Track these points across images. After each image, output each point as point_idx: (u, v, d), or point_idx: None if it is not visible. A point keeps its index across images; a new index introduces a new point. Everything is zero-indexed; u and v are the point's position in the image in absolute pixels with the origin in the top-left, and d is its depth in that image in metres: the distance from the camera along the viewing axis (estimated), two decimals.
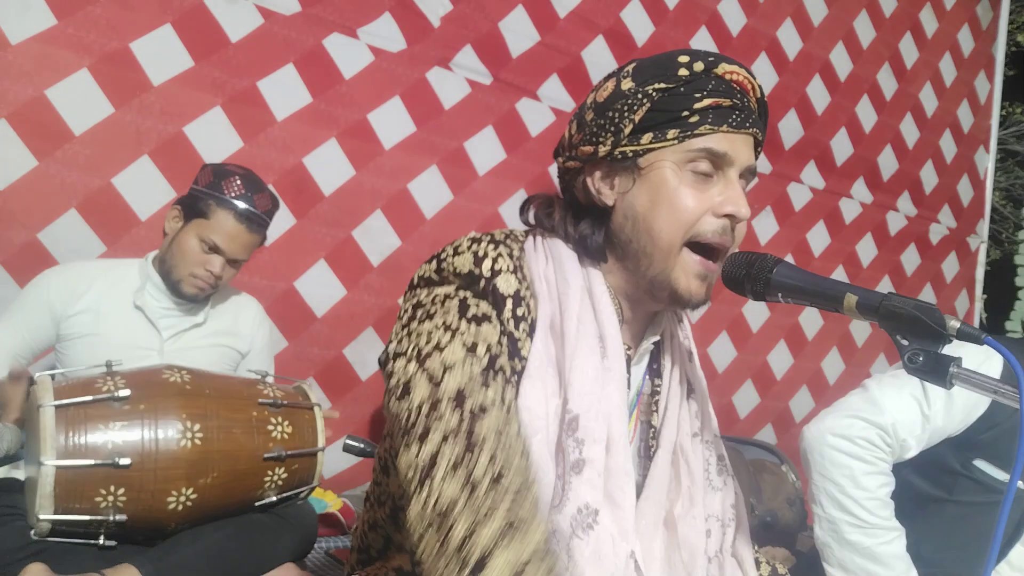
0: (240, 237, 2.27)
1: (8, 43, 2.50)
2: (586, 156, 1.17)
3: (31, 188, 2.56)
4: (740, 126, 1.12)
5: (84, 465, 1.80)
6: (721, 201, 1.12)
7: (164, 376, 1.98)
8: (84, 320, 2.22)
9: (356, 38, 3.09)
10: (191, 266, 2.25)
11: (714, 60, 1.12)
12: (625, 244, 1.16)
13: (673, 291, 1.14)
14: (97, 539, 1.87)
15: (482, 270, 1.11)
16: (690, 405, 1.29)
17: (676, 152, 1.11)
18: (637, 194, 1.14)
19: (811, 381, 4.42)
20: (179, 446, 1.88)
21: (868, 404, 1.78)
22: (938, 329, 0.96)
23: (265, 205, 2.31)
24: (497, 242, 1.15)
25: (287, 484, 2.10)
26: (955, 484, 1.86)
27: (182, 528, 1.96)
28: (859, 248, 4.60)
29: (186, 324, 2.33)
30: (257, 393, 2.09)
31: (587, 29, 3.60)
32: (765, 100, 1.18)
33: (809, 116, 4.32)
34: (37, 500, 1.78)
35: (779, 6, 4.19)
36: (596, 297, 1.16)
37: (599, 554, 1.07)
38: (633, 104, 1.11)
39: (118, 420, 1.86)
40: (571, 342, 1.11)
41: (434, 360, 1.04)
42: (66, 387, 1.89)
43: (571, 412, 1.09)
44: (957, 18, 4.92)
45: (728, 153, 1.11)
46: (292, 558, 2.18)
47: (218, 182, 2.25)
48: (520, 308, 1.11)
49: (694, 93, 1.10)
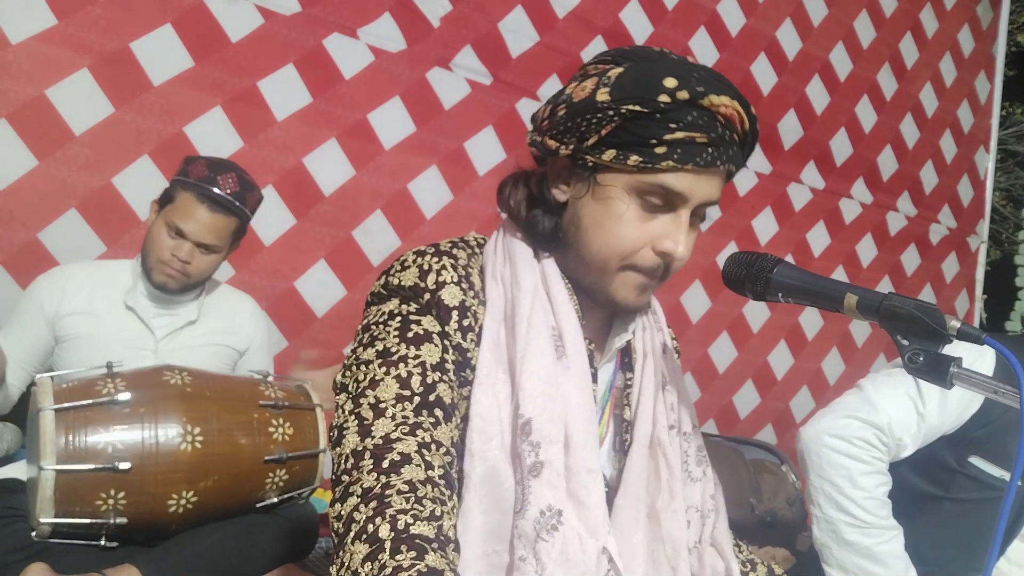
0: (203, 219, 2.20)
1: (8, 43, 2.50)
2: (550, 149, 1.15)
3: (31, 188, 2.56)
4: (709, 164, 1.06)
5: (84, 469, 1.80)
6: (660, 236, 1.09)
7: (165, 378, 1.97)
8: (76, 321, 2.21)
9: (356, 38, 3.09)
10: (159, 252, 2.21)
11: (703, 91, 1.04)
12: (568, 244, 1.16)
13: (610, 299, 1.15)
14: (99, 540, 1.87)
15: (427, 283, 1.10)
16: (665, 397, 1.27)
17: (633, 179, 1.08)
18: (586, 204, 1.13)
19: (811, 381, 4.42)
20: (179, 449, 1.88)
21: (864, 404, 1.78)
22: (938, 329, 0.96)
23: (231, 187, 2.23)
24: (442, 253, 1.14)
25: (288, 485, 2.10)
26: (951, 481, 1.86)
27: (184, 529, 1.96)
28: (859, 248, 4.61)
29: (179, 323, 2.31)
30: (258, 394, 2.09)
31: (586, 29, 3.60)
32: (756, 129, 1.12)
33: (809, 116, 4.32)
34: (37, 503, 1.78)
35: (778, 6, 4.19)
36: (553, 296, 1.15)
37: (566, 554, 1.06)
38: (603, 119, 1.07)
39: (118, 424, 1.85)
40: (521, 346, 1.10)
41: (367, 399, 1.04)
42: (66, 389, 1.89)
43: (523, 416, 1.07)
44: (957, 18, 4.92)
45: (683, 192, 1.07)
46: (293, 558, 2.18)
47: (185, 167, 2.25)
48: (466, 319, 1.10)
49: (668, 123, 1.04)
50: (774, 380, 4.30)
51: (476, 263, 1.17)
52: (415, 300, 1.10)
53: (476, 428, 1.07)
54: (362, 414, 1.03)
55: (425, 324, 1.09)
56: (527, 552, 1.06)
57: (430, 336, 1.08)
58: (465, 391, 1.10)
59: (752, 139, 1.13)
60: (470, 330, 1.11)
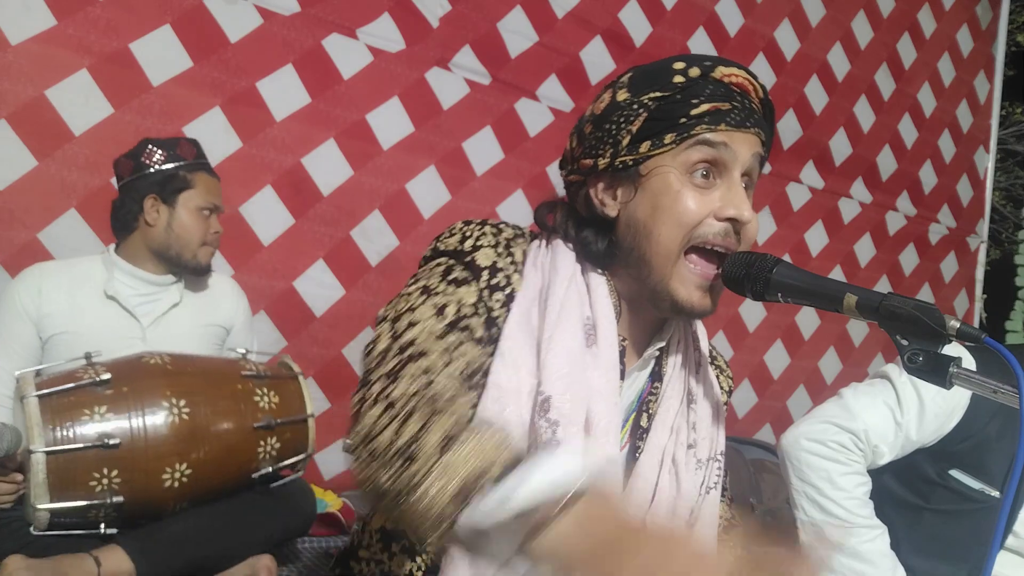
0: (216, 188, 2.34)
1: (8, 43, 2.50)
2: (587, 169, 1.17)
3: (31, 188, 2.56)
4: (740, 125, 1.10)
5: (73, 448, 1.80)
6: (722, 205, 1.11)
7: (144, 360, 1.98)
8: (58, 319, 2.17)
9: (355, 38, 3.09)
10: (200, 236, 2.28)
11: (711, 64, 1.11)
12: (628, 253, 1.15)
13: (673, 301, 1.13)
14: (97, 528, 1.87)
15: (464, 247, 1.15)
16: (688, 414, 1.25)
17: (676, 156, 1.10)
18: (639, 202, 1.13)
19: (808, 380, 4.43)
20: (167, 422, 1.89)
21: (841, 411, 1.81)
22: (938, 329, 0.96)
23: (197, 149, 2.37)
24: (486, 224, 1.18)
25: (282, 454, 2.10)
26: (932, 493, 1.88)
27: (182, 508, 1.96)
28: (857, 248, 4.61)
29: (164, 307, 2.29)
30: (239, 367, 2.10)
31: (585, 29, 3.61)
32: (770, 101, 1.16)
33: (807, 116, 4.33)
34: (31, 490, 1.78)
35: (776, 6, 4.20)
36: (593, 288, 1.16)
37: None
38: (630, 115, 1.11)
39: (103, 404, 1.86)
40: (550, 325, 1.10)
41: (403, 319, 1.08)
42: (48, 379, 1.90)
43: (543, 393, 1.08)
44: (956, 18, 4.93)
45: (727, 144, 1.10)
46: (288, 536, 2.20)
47: (172, 152, 2.27)
48: (496, 279, 1.13)
49: (691, 99, 1.09)
50: (771, 379, 4.31)
51: (522, 244, 1.19)
52: (458, 260, 1.15)
53: (491, 397, 1.08)
54: (397, 327, 1.08)
55: (464, 273, 1.13)
56: None
57: (468, 281, 1.12)
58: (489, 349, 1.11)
59: (769, 111, 1.17)
60: (498, 289, 1.13)
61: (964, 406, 1.79)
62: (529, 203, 3.78)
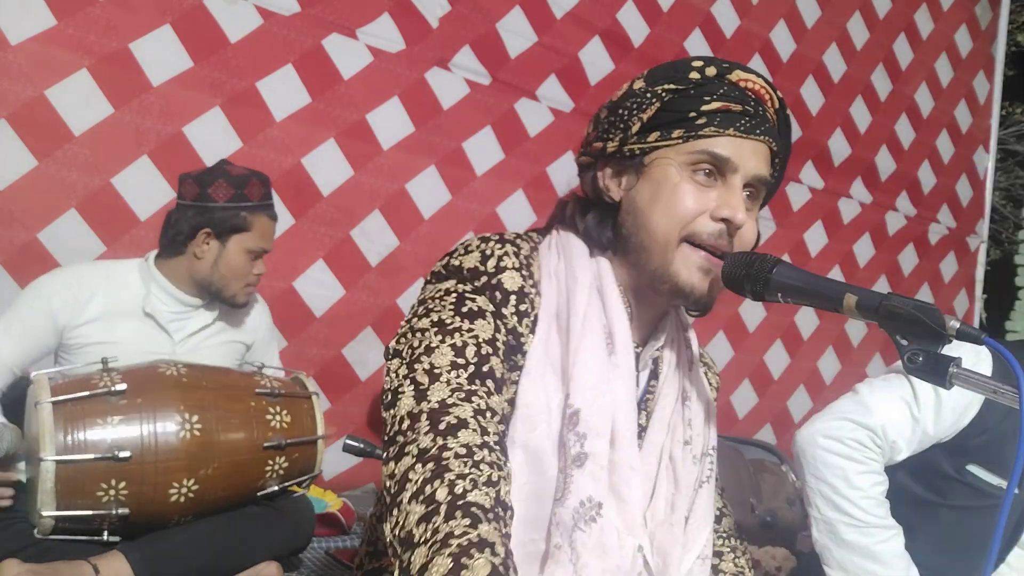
0: (272, 231, 2.34)
1: (8, 43, 2.50)
2: (597, 152, 1.20)
3: (31, 188, 2.56)
4: (749, 132, 1.12)
5: (84, 460, 1.80)
6: (718, 205, 1.12)
7: (160, 370, 1.98)
8: (93, 329, 2.15)
9: (355, 38, 3.09)
10: (245, 277, 2.28)
11: (729, 67, 1.14)
12: (627, 238, 1.18)
13: (674, 284, 1.14)
14: (101, 535, 1.87)
15: (486, 267, 1.13)
16: (684, 412, 1.27)
17: (680, 153, 1.13)
18: (640, 190, 1.16)
19: (808, 381, 4.43)
20: (178, 437, 1.89)
21: (858, 407, 1.79)
22: (938, 329, 0.96)
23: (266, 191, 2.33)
24: (505, 241, 1.17)
25: (289, 473, 2.10)
26: (949, 489, 1.87)
27: (185, 522, 1.96)
28: (856, 248, 4.61)
29: (196, 326, 2.30)
30: (254, 384, 2.10)
31: (584, 30, 3.61)
32: (787, 114, 1.18)
33: (804, 117, 4.33)
34: (39, 497, 1.78)
35: (772, 8, 4.21)
36: (606, 293, 1.17)
37: (603, 546, 1.07)
38: (643, 103, 1.14)
39: (116, 414, 1.86)
40: (576, 338, 1.12)
41: (422, 364, 1.06)
42: (62, 384, 1.89)
43: (572, 407, 1.10)
44: (954, 19, 4.93)
45: (731, 158, 1.12)
46: (287, 551, 2.18)
47: (239, 192, 2.22)
48: (523, 304, 1.13)
49: (703, 96, 1.12)
50: (771, 380, 4.31)
51: (536, 258, 1.19)
52: (472, 281, 1.13)
53: (521, 417, 1.09)
54: (417, 379, 1.05)
55: (480, 303, 1.11)
56: (563, 540, 1.07)
57: (483, 314, 1.11)
58: (514, 376, 1.11)
59: (785, 123, 1.19)
60: (526, 316, 1.13)
61: (980, 400, 1.76)
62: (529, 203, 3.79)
